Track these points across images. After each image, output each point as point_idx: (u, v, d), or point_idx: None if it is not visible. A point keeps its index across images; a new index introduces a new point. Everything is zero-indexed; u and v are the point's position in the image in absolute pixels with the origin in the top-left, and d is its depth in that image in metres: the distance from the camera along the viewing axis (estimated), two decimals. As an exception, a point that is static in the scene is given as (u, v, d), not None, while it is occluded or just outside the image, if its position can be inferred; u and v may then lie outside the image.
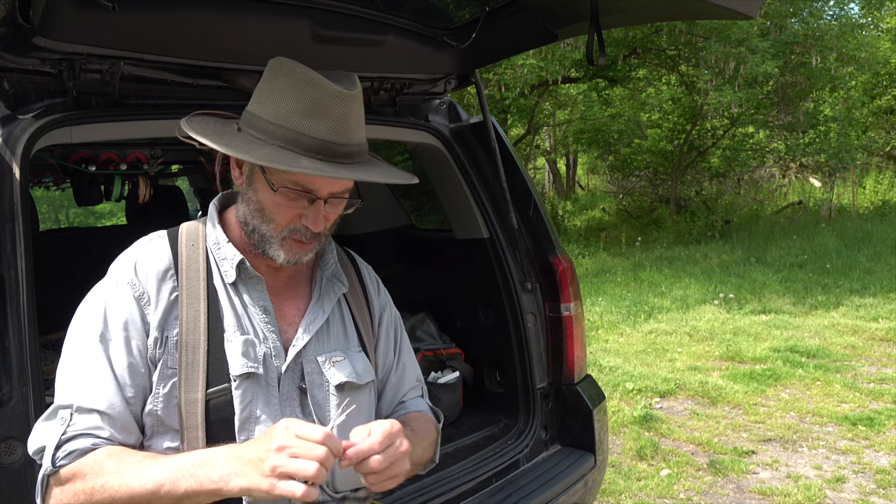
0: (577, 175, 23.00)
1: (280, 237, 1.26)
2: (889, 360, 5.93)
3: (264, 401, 1.25)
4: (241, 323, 1.28)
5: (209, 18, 1.82)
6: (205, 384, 1.22)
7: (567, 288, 2.66)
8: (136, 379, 1.21)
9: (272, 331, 1.30)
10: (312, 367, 1.32)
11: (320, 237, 1.29)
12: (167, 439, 1.22)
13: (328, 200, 1.25)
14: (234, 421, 1.22)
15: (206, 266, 1.30)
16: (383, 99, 2.44)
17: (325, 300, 1.38)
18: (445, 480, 2.25)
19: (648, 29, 11.65)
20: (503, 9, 2.00)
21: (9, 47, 1.67)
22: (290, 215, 1.25)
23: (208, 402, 1.21)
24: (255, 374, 1.24)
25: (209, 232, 1.34)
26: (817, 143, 13.50)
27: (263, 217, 1.26)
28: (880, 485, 3.76)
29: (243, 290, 1.30)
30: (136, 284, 1.25)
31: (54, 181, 4.24)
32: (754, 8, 1.65)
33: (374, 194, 3.73)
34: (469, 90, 5.09)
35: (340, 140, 1.21)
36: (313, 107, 1.20)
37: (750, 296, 8.29)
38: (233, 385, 1.23)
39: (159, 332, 1.23)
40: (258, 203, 1.26)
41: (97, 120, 1.87)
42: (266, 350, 1.28)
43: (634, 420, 4.67)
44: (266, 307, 1.31)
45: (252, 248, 1.31)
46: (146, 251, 1.31)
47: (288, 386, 1.29)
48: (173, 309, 1.25)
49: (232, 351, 1.24)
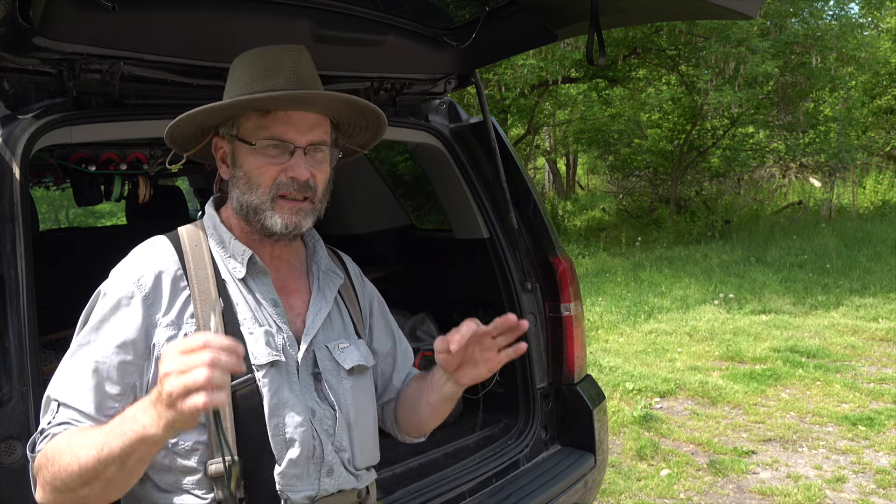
0: (577, 175, 23.00)
1: (270, 199, 1.29)
2: (889, 360, 5.93)
3: (289, 387, 1.30)
4: (257, 316, 1.32)
5: (209, 18, 1.82)
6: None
7: (567, 288, 2.66)
8: (125, 378, 1.23)
9: (284, 322, 1.34)
10: (323, 353, 1.37)
11: (312, 194, 1.32)
12: (194, 434, 1.24)
13: (308, 151, 1.30)
14: (264, 408, 1.26)
15: (212, 264, 1.34)
16: (383, 99, 2.44)
17: (327, 291, 1.43)
18: (445, 480, 2.25)
19: (648, 29, 11.65)
20: (503, 9, 2.01)
21: (9, 47, 1.67)
22: (273, 173, 1.28)
23: (234, 393, 1.24)
24: (279, 361, 1.29)
25: (210, 232, 1.38)
26: (817, 143, 13.50)
27: (251, 186, 1.30)
28: (880, 485, 3.76)
29: (252, 284, 1.35)
30: (144, 285, 1.27)
31: (54, 181, 4.24)
32: (754, 8, 1.65)
33: (374, 194, 3.73)
34: (469, 90, 5.08)
35: (300, 88, 1.29)
36: (265, 67, 1.30)
37: (750, 296, 8.29)
38: (258, 374, 1.27)
39: (175, 331, 1.26)
40: (245, 175, 1.31)
41: (97, 120, 1.87)
42: (282, 340, 1.32)
43: (634, 420, 4.67)
44: (275, 300, 1.35)
45: (252, 238, 1.36)
46: (152, 252, 1.33)
47: (304, 373, 1.34)
48: (187, 307, 1.28)
49: (254, 342, 1.28)
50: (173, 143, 1.40)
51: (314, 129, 1.31)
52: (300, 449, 1.28)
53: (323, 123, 1.34)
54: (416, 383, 1.54)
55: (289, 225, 1.30)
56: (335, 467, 1.33)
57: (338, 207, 3.65)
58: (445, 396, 1.41)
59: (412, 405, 1.51)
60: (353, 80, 2.28)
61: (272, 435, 1.26)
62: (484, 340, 1.34)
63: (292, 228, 1.31)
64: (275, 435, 1.26)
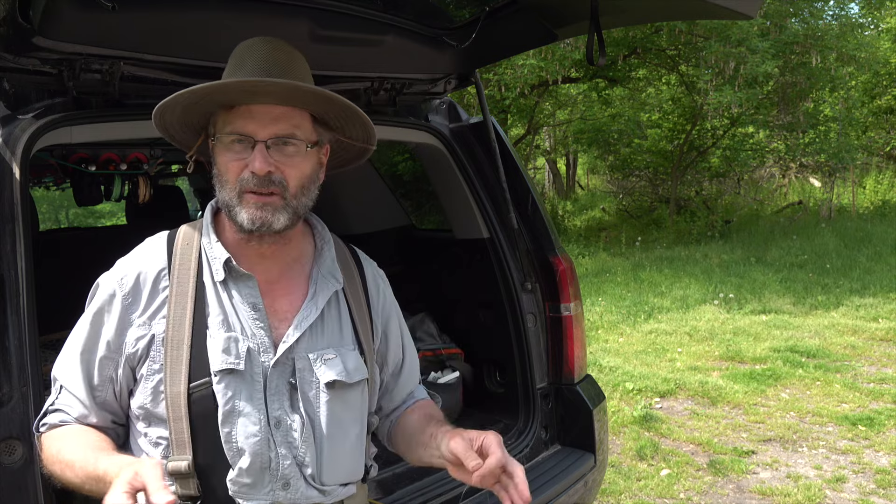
0: (577, 175, 22.99)
1: (236, 194, 1.27)
2: (889, 360, 5.93)
3: (247, 395, 1.27)
4: (228, 320, 1.31)
5: (209, 18, 1.82)
6: (187, 378, 1.26)
7: (567, 288, 2.66)
8: (104, 371, 1.31)
9: (261, 327, 1.31)
10: (304, 363, 1.33)
11: (280, 189, 1.27)
12: (160, 429, 1.29)
13: (272, 145, 1.26)
14: (217, 414, 1.26)
15: (197, 265, 1.34)
16: (383, 99, 2.44)
17: (320, 296, 1.38)
18: (446, 480, 2.25)
19: (648, 29, 11.64)
20: (503, 9, 2.00)
21: (9, 47, 1.68)
22: (237, 168, 1.27)
23: (190, 395, 1.26)
24: (236, 370, 1.27)
25: (205, 231, 1.38)
26: (817, 143, 13.48)
27: (222, 183, 1.30)
28: (880, 485, 3.76)
29: (233, 287, 1.33)
30: (125, 284, 1.32)
31: (54, 181, 4.25)
32: (754, 8, 1.65)
33: (374, 194, 3.73)
34: (469, 90, 5.08)
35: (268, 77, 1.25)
36: (238, 60, 1.31)
37: (750, 296, 8.29)
38: (214, 380, 1.26)
39: (146, 330, 1.30)
40: (218, 172, 1.31)
41: (97, 120, 1.87)
42: (252, 346, 1.30)
43: (634, 420, 4.67)
44: (255, 304, 1.32)
45: (240, 237, 1.34)
46: (143, 252, 1.37)
47: (277, 381, 1.31)
48: (162, 308, 1.31)
49: (213, 347, 1.28)
50: (177, 143, 1.41)
51: (279, 121, 1.26)
52: (250, 459, 1.26)
53: (292, 116, 1.28)
54: (419, 422, 1.47)
55: (255, 220, 1.26)
56: (292, 481, 1.29)
57: (338, 207, 3.65)
58: (433, 464, 1.38)
59: (408, 440, 1.48)
60: (352, 80, 2.28)
61: (224, 441, 1.26)
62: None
63: (259, 224, 1.26)
64: (226, 442, 1.26)
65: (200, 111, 1.31)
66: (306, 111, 1.31)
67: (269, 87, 1.23)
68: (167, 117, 1.33)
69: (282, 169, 1.27)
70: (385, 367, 1.53)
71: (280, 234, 1.32)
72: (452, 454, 1.24)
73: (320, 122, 1.34)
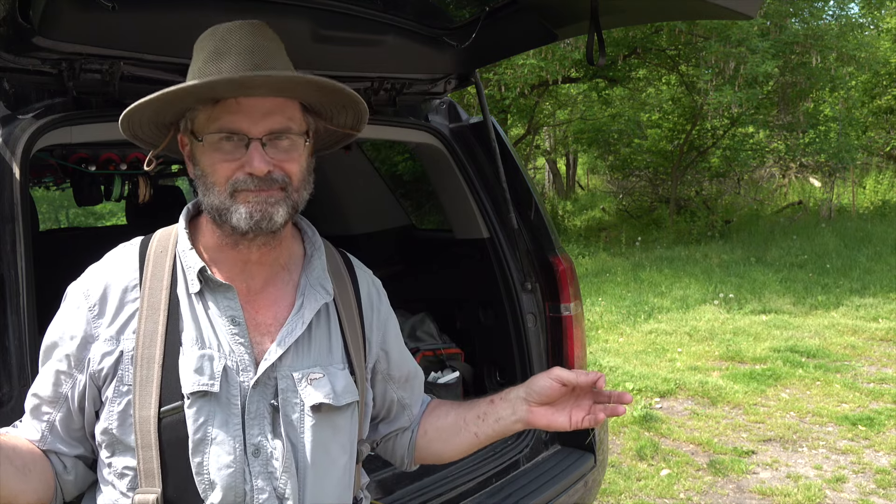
0: (577, 175, 22.99)
1: (228, 195, 1.15)
2: (889, 360, 5.93)
3: (222, 420, 1.14)
4: (203, 335, 1.18)
5: (209, 18, 1.81)
6: (157, 401, 1.14)
7: (567, 288, 2.66)
8: (58, 386, 1.19)
9: (240, 343, 1.18)
10: (287, 383, 1.19)
11: (280, 184, 1.17)
12: (126, 458, 1.16)
13: (268, 141, 1.14)
14: (188, 442, 1.13)
15: (171, 275, 1.21)
16: (383, 99, 2.44)
17: (307, 309, 1.24)
18: (445, 480, 2.25)
19: (648, 29, 11.65)
20: (503, 9, 2.00)
21: (9, 47, 1.67)
22: (227, 170, 1.14)
23: (161, 420, 1.13)
24: (210, 392, 1.14)
25: (180, 237, 1.25)
26: (817, 143, 13.48)
27: (207, 186, 1.17)
28: (880, 485, 3.76)
29: (210, 299, 1.20)
30: (91, 296, 1.19)
31: (54, 181, 4.24)
32: (754, 8, 1.65)
33: (374, 194, 3.73)
34: (469, 90, 5.08)
35: (251, 69, 1.14)
36: (216, 49, 1.17)
37: (750, 296, 8.29)
38: (185, 403, 1.13)
39: (113, 346, 1.17)
40: (202, 174, 1.17)
41: (97, 120, 1.87)
42: (230, 364, 1.17)
43: (634, 420, 4.67)
44: (234, 317, 1.19)
45: (223, 243, 1.22)
46: (113, 261, 1.25)
47: (258, 403, 1.17)
48: (131, 322, 1.18)
49: (185, 366, 1.15)
50: (140, 142, 1.27)
51: (272, 115, 1.14)
52: (223, 493, 1.13)
53: (285, 108, 1.16)
54: (454, 413, 1.41)
55: (254, 215, 1.14)
56: None
57: (338, 207, 3.66)
58: (502, 431, 1.32)
59: (449, 434, 1.40)
60: (352, 80, 2.28)
61: (195, 473, 1.13)
62: (585, 391, 1.25)
63: (259, 217, 1.14)
64: (197, 474, 1.13)
65: (176, 108, 1.18)
66: (296, 100, 1.20)
67: (266, 79, 1.11)
68: (136, 116, 1.19)
69: (281, 165, 1.16)
70: (393, 380, 1.42)
71: (274, 235, 1.19)
72: (551, 388, 1.24)
73: (308, 109, 1.23)
